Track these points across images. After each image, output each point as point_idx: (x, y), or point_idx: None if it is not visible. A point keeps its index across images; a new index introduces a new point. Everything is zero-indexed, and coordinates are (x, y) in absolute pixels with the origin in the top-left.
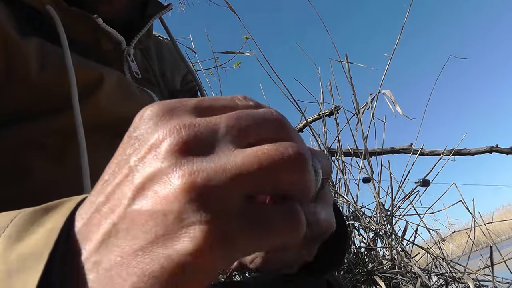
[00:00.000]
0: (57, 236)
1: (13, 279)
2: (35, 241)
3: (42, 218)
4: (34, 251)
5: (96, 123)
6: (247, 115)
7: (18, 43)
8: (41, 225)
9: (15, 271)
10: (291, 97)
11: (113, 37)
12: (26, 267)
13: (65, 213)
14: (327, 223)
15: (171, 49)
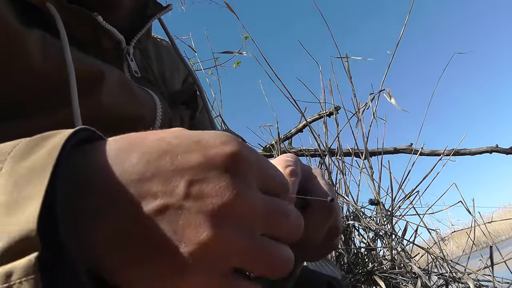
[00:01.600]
0: (58, 151)
1: (22, 190)
2: (39, 157)
3: (43, 142)
4: (37, 166)
5: (95, 121)
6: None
7: (21, 33)
8: (42, 147)
9: (24, 183)
10: (291, 97)
11: (113, 36)
12: (32, 180)
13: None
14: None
15: (169, 50)
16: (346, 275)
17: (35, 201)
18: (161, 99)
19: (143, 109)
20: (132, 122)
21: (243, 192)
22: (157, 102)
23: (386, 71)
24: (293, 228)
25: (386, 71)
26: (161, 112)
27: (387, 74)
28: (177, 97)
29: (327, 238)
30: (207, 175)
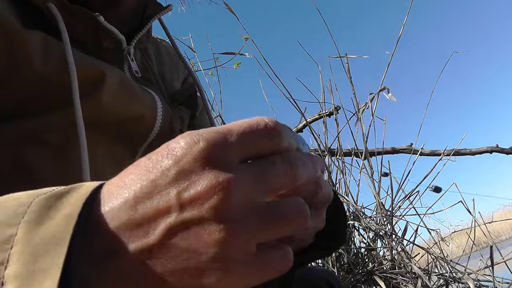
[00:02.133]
0: (75, 221)
1: (38, 262)
2: (55, 226)
3: (57, 204)
4: (55, 235)
5: (97, 121)
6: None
7: (22, 36)
8: (59, 210)
9: (41, 254)
10: (291, 97)
11: (113, 36)
12: (50, 251)
13: (82, 199)
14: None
15: (169, 50)
16: (346, 275)
17: (52, 276)
18: (161, 99)
19: (143, 109)
20: (133, 122)
21: (230, 178)
22: (157, 102)
23: (385, 72)
24: (294, 177)
25: (385, 72)
26: (162, 112)
27: (386, 74)
28: (177, 97)
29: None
30: (190, 179)
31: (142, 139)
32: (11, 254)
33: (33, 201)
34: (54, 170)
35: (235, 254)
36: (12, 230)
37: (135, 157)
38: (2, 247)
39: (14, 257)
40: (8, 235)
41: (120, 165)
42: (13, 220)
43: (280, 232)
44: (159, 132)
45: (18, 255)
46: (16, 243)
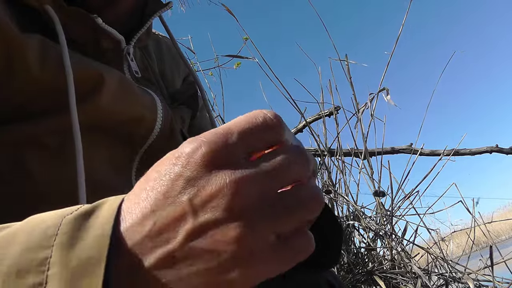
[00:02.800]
0: (109, 241)
1: (78, 284)
2: (89, 248)
3: (85, 224)
4: (91, 256)
5: (96, 124)
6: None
7: (19, 40)
8: (88, 230)
9: (79, 277)
10: (290, 98)
11: (112, 36)
12: (88, 272)
13: (110, 219)
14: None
15: (170, 47)
16: (346, 275)
17: None
18: (161, 100)
19: (143, 110)
20: (132, 123)
21: (237, 177)
22: (157, 103)
23: (384, 73)
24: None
25: (384, 73)
26: (162, 113)
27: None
28: (178, 97)
29: None
30: (198, 185)
31: (142, 140)
32: (49, 276)
33: (61, 222)
34: (53, 172)
35: (254, 247)
36: (46, 252)
37: (135, 159)
38: (39, 269)
39: (53, 280)
40: (43, 257)
41: (120, 167)
42: (45, 242)
43: (297, 219)
44: (159, 133)
45: (58, 277)
46: (53, 265)
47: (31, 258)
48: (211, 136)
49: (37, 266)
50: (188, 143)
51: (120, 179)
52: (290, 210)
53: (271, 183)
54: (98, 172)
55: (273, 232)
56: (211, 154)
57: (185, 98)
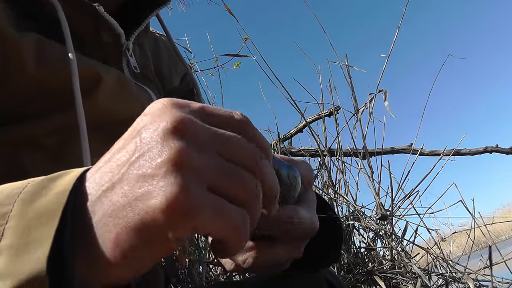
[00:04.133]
0: (67, 197)
1: (32, 233)
2: (48, 201)
3: (50, 185)
4: (48, 209)
5: (92, 123)
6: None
7: (15, 40)
8: (51, 189)
9: (34, 226)
10: (290, 98)
11: (113, 29)
12: (43, 223)
13: (72, 180)
14: (310, 223)
15: (168, 46)
16: (346, 275)
17: (44, 245)
18: (158, 97)
19: (140, 109)
20: (130, 123)
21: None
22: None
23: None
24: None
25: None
26: None
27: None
28: (174, 95)
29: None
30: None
31: None
32: (6, 229)
33: (28, 184)
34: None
35: (188, 175)
36: (7, 207)
37: None
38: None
39: (9, 231)
40: (3, 212)
41: None
42: (9, 200)
43: (234, 194)
44: None
45: (13, 229)
46: (11, 218)
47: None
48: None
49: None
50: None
51: None
52: (228, 175)
53: (216, 140)
54: None
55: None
56: (170, 102)
57: (181, 95)
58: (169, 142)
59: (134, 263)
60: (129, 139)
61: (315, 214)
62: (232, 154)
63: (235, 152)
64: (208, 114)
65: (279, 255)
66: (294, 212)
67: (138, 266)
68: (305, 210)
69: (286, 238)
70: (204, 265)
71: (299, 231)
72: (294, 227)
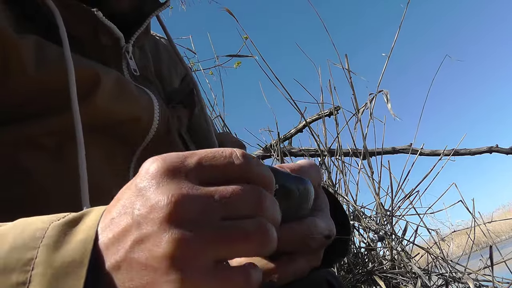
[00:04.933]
0: (92, 245)
1: (60, 282)
2: (73, 250)
3: (73, 229)
4: (74, 259)
5: (92, 124)
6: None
7: (14, 41)
8: (73, 235)
9: (62, 276)
10: (290, 98)
11: (112, 33)
12: (70, 273)
13: (93, 226)
14: (328, 230)
15: (168, 48)
16: (346, 275)
17: None
18: (158, 99)
19: (140, 110)
20: (129, 124)
21: (180, 192)
22: (154, 102)
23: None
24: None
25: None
26: (158, 113)
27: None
28: (174, 96)
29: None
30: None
31: (139, 140)
32: (33, 275)
33: (49, 226)
34: (52, 173)
35: (189, 265)
36: (32, 253)
37: (132, 159)
38: (23, 269)
39: (36, 278)
40: (28, 258)
41: (117, 167)
42: (32, 243)
43: (238, 248)
44: (156, 133)
45: (40, 277)
46: (37, 265)
47: (17, 257)
48: (172, 154)
49: (22, 266)
50: (149, 159)
51: (117, 179)
52: (229, 237)
53: (215, 205)
54: (95, 173)
55: (210, 256)
56: (164, 167)
57: (182, 97)
58: (166, 233)
59: None
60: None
61: (331, 220)
62: (235, 211)
63: (238, 208)
64: (205, 169)
65: (301, 268)
66: (312, 226)
67: None
68: (321, 219)
69: (305, 249)
70: None
71: (319, 241)
72: (313, 240)
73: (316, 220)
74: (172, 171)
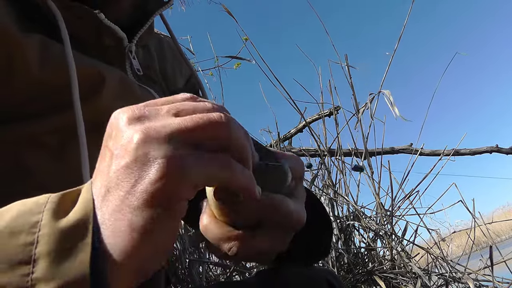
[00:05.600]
0: (92, 204)
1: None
2: (76, 210)
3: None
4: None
5: (96, 122)
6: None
7: (19, 40)
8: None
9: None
10: (290, 98)
11: (115, 33)
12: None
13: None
14: (297, 215)
15: (172, 47)
16: (346, 275)
17: (86, 249)
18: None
19: None
20: None
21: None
22: None
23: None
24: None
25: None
26: None
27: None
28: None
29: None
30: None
31: None
32: (40, 236)
33: (49, 196)
34: (53, 172)
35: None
36: (37, 216)
37: None
38: (30, 231)
39: (43, 238)
40: (34, 221)
41: None
42: (37, 209)
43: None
44: None
45: (47, 237)
46: (43, 227)
47: (22, 221)
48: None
49: (29, 228)
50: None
51: None
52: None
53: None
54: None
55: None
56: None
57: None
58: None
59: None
60: (103, 150)
61: (303, 208)
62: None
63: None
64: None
65: (261, 245)
66: (280, 201)
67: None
68: (293, 201)
69: (270, 226)
70: (204, 265)
71: (283, 220)
72: (278, 216)
73: (286, 199)
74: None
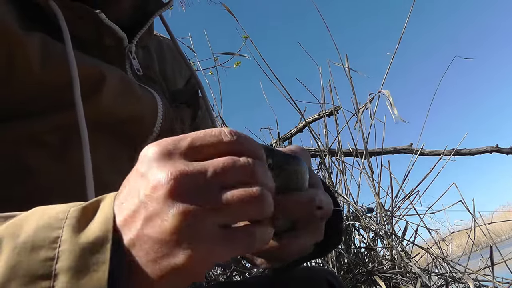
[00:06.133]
0: (112, 223)
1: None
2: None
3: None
4: (98, 235)
5: (96, 122)
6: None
7: (20, 38)
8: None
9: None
10: (290, 98)
11: (115, 33)
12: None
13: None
14: (328, 202)
15: (172, 49)
16: (346, 275)
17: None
18: (162, 99)
19: (144, 109)
20: (133, 122)
21: (176, 170)
22: (158, 102)
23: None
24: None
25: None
26: (162, 112)
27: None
28: (179, 96)
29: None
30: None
31: (142, 139)
32: (61, 252)
33: (69, 209)
34: (54, 170)
35: (196, 234)
36: (57, 232)
37: (134, 158)
38: (51, 246)
39: (64, 254)
40: (55, 236)
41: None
42: (56, 224)
43: (237, 212)
44: (159, 133)
45: (67, 252)
46: (64, 243)
47: (43, 236)
48: (167, 139)
49: (49, 243)
50: (147, 146)
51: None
52: (227, 203)
53: (210, 177)
54: (99, 171)
55: (213, 222)
56: (160, 151)
57: (186, 97)
58: (171, 208)
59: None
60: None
61: (327, 195)
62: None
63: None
64: (197, 148)
65: (305, 242)
66: (315, 195)
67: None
68: (323, 194)
69: (310, 222)
70: None
71: (320, 211)
72: (316, 209)
73: (318, 190)
74: (167, 153)
